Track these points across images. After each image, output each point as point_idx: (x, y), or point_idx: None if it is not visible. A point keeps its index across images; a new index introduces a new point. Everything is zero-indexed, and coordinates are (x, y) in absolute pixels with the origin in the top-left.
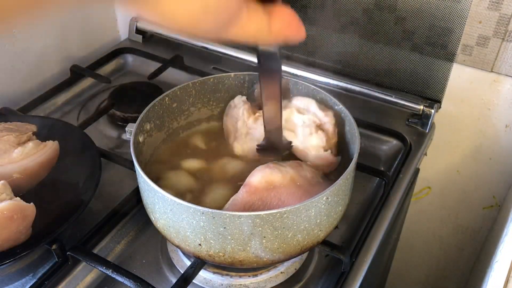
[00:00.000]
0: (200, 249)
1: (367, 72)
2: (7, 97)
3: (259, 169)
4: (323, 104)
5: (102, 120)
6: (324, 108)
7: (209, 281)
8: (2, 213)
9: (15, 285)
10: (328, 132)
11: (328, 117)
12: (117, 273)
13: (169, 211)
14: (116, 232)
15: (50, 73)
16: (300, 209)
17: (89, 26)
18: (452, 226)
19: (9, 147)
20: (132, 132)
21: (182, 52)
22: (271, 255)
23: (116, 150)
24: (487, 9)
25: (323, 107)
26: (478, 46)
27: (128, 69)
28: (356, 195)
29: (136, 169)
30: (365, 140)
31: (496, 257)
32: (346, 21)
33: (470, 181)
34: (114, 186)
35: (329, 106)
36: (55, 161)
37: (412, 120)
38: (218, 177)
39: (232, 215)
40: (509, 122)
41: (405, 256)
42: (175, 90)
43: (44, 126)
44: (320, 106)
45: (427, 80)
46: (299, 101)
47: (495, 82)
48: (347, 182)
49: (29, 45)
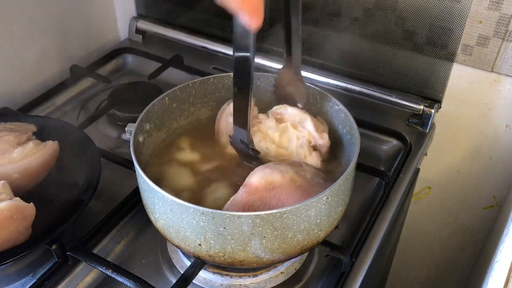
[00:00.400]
0: (200, 249)
1: (367, 72)
2: (7, 97)
3: (259, 169)
4: (317, 120)
5: (102, 120)
6: (319, 127)
7: (209, 281)
8: (2, 213)
9: (15, 285)
10: (322, 154)
11: (324, 140)
12: (117, 273)
13: (169, 211)
14: (116, 232)
15: (50, 73)
16: (300, 209)
17: (89, 26)
18: (452, 226)
19: (9, 147)
20: (132, 132)
21: (182, 52)
22: (271, 255)
23: (116, 150)
24: (487, 9)
25: (318, 125)
26: (478, 46)
27: (128, 69)
28: (356, 195)
29: (136, 169)
30: (365, 140)
31: (496, 257)
32: (346, 21)
33: (470, 181)
34: (114, 186)
35: (329, 107)
36: (55, 161)
37: (412, 120)
38: (218, 177)
39: (232, 215)
40: (509, 122)
41: (405, 256)
42: (175, 90)
43: (44, 126)
44: (315, 124)
45: (427, 80)
46: (294, 115)
47: (495, 82)
48: (347, 182)
49: (29, 45)
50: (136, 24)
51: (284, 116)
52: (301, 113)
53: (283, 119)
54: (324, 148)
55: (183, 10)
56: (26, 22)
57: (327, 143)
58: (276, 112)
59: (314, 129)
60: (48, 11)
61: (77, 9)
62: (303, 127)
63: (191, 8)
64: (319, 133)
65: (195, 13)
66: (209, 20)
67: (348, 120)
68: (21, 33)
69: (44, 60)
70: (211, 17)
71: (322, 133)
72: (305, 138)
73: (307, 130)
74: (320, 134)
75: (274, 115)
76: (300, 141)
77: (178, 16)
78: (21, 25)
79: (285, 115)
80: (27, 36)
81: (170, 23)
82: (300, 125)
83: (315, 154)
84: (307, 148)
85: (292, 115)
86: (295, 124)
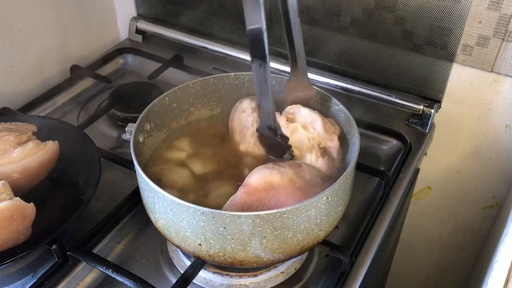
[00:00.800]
0: (200, 249)
1: (367, 72)
2: (7, 97)
3: (258, 169)
4: (328, 121)
5: (102, 120)
6: (329, 128)
7: (209, 281)
8: (2, 213)
9: (15, 285)
10: (332, 157)
11: (333, 142)
12: (117, 273)
13: (169, 211)
14: (116, 232)
15: (50, 73)
16: (300, 209)
17: (89, 26)
18: (452, 226)
19: (9, 147)
20: (132, 132)
21: (182, 52)
22: (271, 255)
23: (116, 150)
24: (487, 9)
25: (329, 126)
26: (478, 46)
27: (128, 69)
28: (356, 195)
29: (136, 169)
30: (365, 140)
31: (496, 257)
32: (346, 21)
33: (470, 181)
34: (114, 186)
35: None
36: (55, 161)
37: (412, 120)
38: (218, 177)
39: (232, 215)
40: (509, 122)
41: (405, 256)
42: (175, 90)
43: (44, 126)
44: (325, 126)
45: (427, 80)
46: (304, 116)
47: (495, 82)
48: (347, 182)
49: (29, 45)
50: (136, 24)
51: (296, 116)
52: (312, 114)
53: (295, 119)
54: (334, 150)
55: (183, 10)
56: (26, 22)
57: (337, 145)
58: (289, 112)
59: (323, 131)
60: (48, 11)
61: (77, 9)
62: (313, 128)
63: (191, 8)
64: (329, 135)
65: (195, 13)
66: (209, 20)
67: (348, 120)
68: (21, 33)
69: (44, 60)
70: (211, 17)
71: (332, 135)
72: (315, 140)
73: (317, 131)
74: (330, 136)
75: (287, 115)
76: (310, 143)
77: (178, 16)
78: (21, 25)
79: (297, 115)
80: (27, 36)
81: (170, 23)
82: (310, 126)
83: (322, 160)
84: (317, 151)
85: (304, 116)
86: (305, 124)
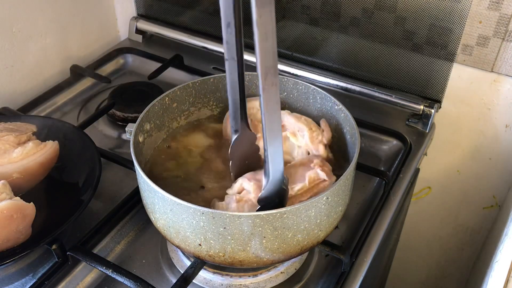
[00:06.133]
0: (200, 249)
1: (367, 72)
2: (7, 97)
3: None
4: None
5: (102, 120)
6: (315, 137)
7: (209, 281)
8: (2, 213)
9: (15, 285)
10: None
11: (319, 151)
12: (117, 273)
13: (169, 211)
14: (116, 232)
15: (50, 73)
16: (300, 209)
17: (89, 26)
18: (452, 226)
19: (9, 147)
20: (132, 132)
21: (182, 52)
22: (271, 255)
23: (116, 150)
24: (487, 9)
25: (316, 135)
26: (478, 46)
27: (128, 69)
28: (356, 195)
29: (136, 169)
30: (365, 140)
31: (496, 257)
32: (346, 21)
33: (470, 181)
34: (114, 186)
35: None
36: (55, 161)
37: (412, 120)
38: (218, 177)
39: (232, 215)
40: (509, 122)
41: (405, 256)
42: (175, 90)
43: (44, 126)
44: (311, 135)
45: (427, 80)
46: (292, 124)
47: (495, 82)
48: (347, 182)
49: (29, 45)
50: (136, 24)
51: (284, 124)
52: (298, 124)
53: (284, 126)
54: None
55: (183, 10)
56: (26, 22)
57: (324, 154)
58: None
59: (310, 141)
60: (48, 11)
61: (77, 9)
62: (302, 136)
63: (191, 8)
64: (315, 145)
65: (195, 13)
66: (209, 20)
67: (348, 120)
68: (21, 33)
69: (44, 60)
70: (211, 17)
71: (317, 145)
72: (303, 148)
73: (305, 141)
74: (316, 146)
75: None
76: (301, 150)
77: (178, 16)
78: (21, 25)
79: (285, 123)
80: (27, 36)
81: (170, 23)
82: (299, 133)
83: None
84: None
85: (291, 124)
86: (294, 132)
